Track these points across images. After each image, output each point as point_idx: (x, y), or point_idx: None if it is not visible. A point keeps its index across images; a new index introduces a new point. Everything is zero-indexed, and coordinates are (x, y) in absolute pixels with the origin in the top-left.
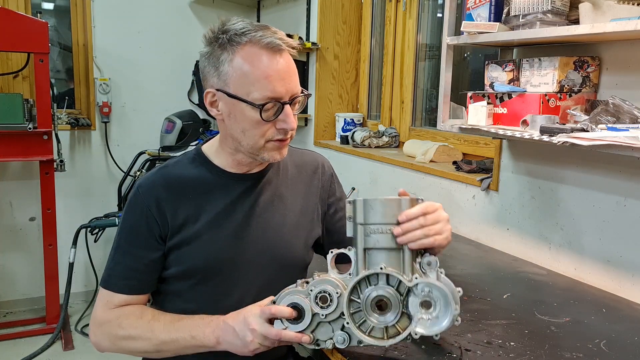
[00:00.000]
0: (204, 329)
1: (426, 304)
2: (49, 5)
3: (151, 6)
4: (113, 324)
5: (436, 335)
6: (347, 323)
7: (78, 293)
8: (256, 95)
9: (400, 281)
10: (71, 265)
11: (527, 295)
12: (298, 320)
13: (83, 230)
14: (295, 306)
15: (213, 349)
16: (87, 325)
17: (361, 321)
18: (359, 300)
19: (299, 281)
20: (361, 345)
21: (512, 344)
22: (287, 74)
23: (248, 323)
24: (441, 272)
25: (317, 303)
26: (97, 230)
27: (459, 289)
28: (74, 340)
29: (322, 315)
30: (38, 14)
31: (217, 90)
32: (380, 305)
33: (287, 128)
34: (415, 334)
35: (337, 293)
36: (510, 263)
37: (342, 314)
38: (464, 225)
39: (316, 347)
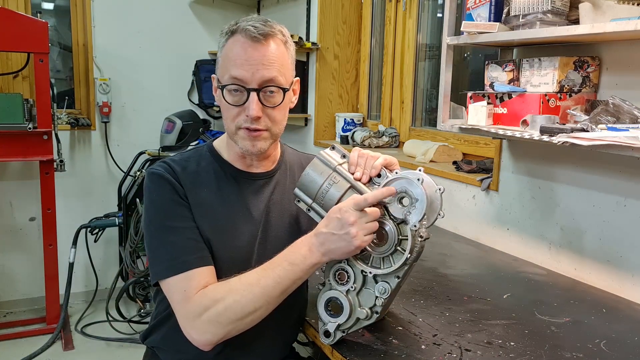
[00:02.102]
0: (298, 253)
1: (401, 200)
2: (49, 5)
3: (151, 6)
4: (207, 305)
5: (439, 214)
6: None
7: (78, 293)
8: (225, 78)
9: (387, 209)
10: (71, 265)
11: (527, 295)
12: (338, 313)
13: (83, 230)
14: (334, 300)
15: (318, 265)
16: (87, 325)
17: (362, 255)
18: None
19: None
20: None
21: (512, 344)
22: (258, 61)
23: (346, 220)
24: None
25: (336, 281)
26: (97, 230)
27: (420, 168)
28: (74, 340)
29: (353, 288)
30: (38, 14)
31: (215, 76)
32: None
33: (248, 114)
34: (421, 237)
35: (344, 261)
36: (510, 263)
37: (365, 282)
38: (464, 225)
39: (368, 321)
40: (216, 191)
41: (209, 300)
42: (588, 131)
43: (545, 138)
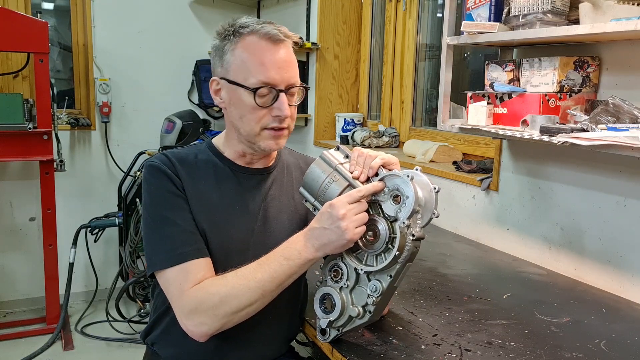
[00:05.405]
0: (293, 248)
1: (395, 198)
2: (49, 5)
3: (151, 6)
4: (203, 298)
5: (434, 214)
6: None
7: (78, 293)
8: (252, 81)
9: (381, 208)
10: (71, 265)
11: (527, 295)
12: (331, 310)
13: (83, 230)
14: (328, 297)
15: (313, 260)
16: (88, 325)
17: (357, 252)
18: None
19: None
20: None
21: (512, 344)
22: (284, 63)
23: (336, 214)
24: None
25: (331, 278)
26: (97, 230)
27: (417, 167)
28: (74, 340)
29: (346, 285)
30: (38, 14)
31: (221, 78)
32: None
33: (281, 115)
34: (413, 235)
35: (339, 258)
36: (510, 263)
37: (358, 280)
38: (464, 225)
39: (361, 320)
40: (214, 184)
41: (205, 293)
42: (588, 131)
43: (545, 138)
